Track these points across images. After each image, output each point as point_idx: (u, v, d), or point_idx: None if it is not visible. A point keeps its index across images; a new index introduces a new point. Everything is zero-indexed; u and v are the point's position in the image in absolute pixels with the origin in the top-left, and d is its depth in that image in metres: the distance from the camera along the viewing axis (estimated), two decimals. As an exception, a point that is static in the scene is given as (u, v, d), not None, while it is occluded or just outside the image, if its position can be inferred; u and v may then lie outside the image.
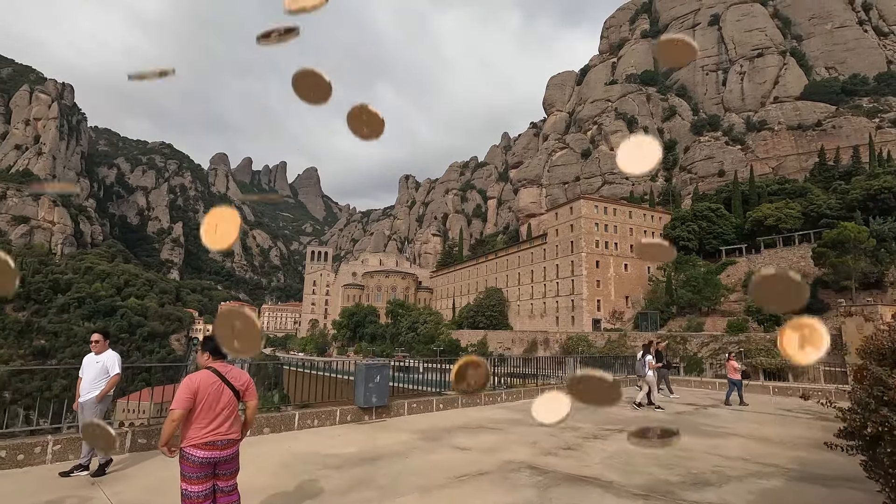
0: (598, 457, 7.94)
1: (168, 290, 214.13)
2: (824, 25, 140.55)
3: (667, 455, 7.84)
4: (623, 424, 11.46)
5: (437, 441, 9.13)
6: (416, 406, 12.50)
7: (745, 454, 8.49)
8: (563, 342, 75.52)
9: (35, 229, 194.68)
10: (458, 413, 12.83)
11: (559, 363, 18.45)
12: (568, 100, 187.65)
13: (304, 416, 10.12)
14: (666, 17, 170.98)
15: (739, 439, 9.96)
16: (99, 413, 7.36)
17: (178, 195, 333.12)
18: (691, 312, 74.12)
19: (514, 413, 13.04)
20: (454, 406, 13.40)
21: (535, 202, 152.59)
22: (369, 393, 11.07)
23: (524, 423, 11.35)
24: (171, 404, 4.17)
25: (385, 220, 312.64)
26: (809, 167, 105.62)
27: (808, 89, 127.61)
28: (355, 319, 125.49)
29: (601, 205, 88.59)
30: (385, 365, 11.59)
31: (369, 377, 11.09)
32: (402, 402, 12.23)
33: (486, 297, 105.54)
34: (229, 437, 4.29)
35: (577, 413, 12.88)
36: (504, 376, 18.13)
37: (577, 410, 10.08)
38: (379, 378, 11.25)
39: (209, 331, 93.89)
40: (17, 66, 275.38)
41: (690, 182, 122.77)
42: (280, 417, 9.86)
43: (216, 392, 4.27)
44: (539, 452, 8.26)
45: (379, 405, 11.35)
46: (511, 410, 13.44)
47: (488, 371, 1.20)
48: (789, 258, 71.54)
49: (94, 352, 7.67)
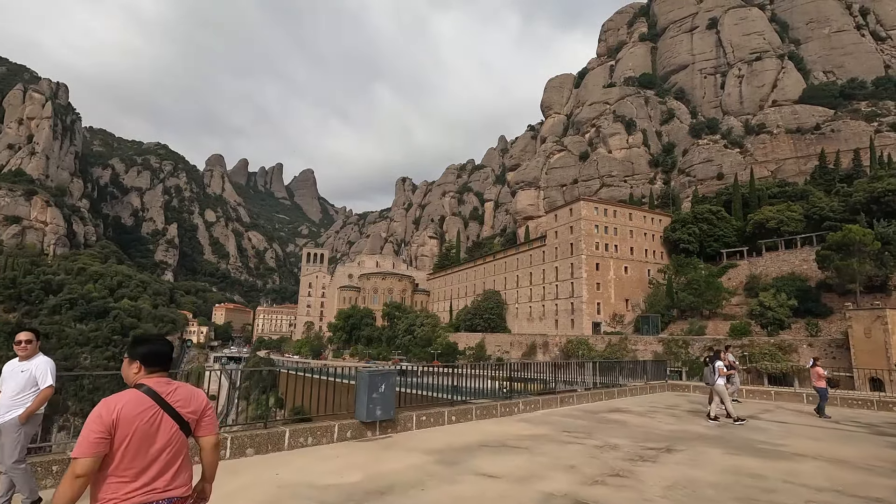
0: (658, 487, 6.56)
1: (162, 291, 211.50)
2: (822, 30, 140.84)
3: (738, 483, 6.55)
4: (666, 441, 10.15)
5: (456, 465, 7.84)
6: (426, 419, 11.10)
7: (833, 483, 7.23)
8: (563, 345, 74.32)
9: (27, 229, 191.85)
10: (473, 427, 11.49)
11: (579, 367, 16.86)
12: (566, 102, 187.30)
13: (295, 433, 8.62)
14: (664, 20, 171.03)
15: (812, 461, 8.70)
16: (24, 439, 5.60)
17: (173, 196, 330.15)
18: (692, 316, 73.17)
19: (536, 427, 11.68)
20: (467, 418, 12.06)
21: (533, 204, 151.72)
22: (373, 405, 9.70)
23: (552, 440, 10.02)
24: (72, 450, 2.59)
25: (381, 222, 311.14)
26: (808, 170, 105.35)
27: (806, 93, 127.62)
28: (351, 322, 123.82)
29: (601, 206, 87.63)
30: (390, 372, 10.25)
31: (373, 387, 9.73)
32: (410, 414, 10.83)
33: (484, 300, 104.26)
34: (172, 493, 2.80)
35: (606, 426, 11.56)
36: (507, 381, 16.22)
37: (604, 423, 8.06)
38: (384, 388, 9.88)
39: (202, 332, 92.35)
40: (10, 65, 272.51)
41: (689, 185, 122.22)
42: (267, 435, 8.23)
43: (150, 425, 2.76)
44: (583, 480, 6.92)
45: (384, 419, 9.97)
46: (533, 424, 12.05)
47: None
48: (792, 261, 70.75)
49: (20, 356, 5.96)
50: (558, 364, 15.91)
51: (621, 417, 13.10)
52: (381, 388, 9.80)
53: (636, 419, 12.83)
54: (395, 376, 10.33)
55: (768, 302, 56.53)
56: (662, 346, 63.58)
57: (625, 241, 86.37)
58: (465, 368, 13.95)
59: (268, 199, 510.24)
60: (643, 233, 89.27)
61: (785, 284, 62.71)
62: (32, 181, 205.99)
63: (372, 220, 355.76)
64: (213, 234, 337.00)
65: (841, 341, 49.27)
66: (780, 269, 70.86)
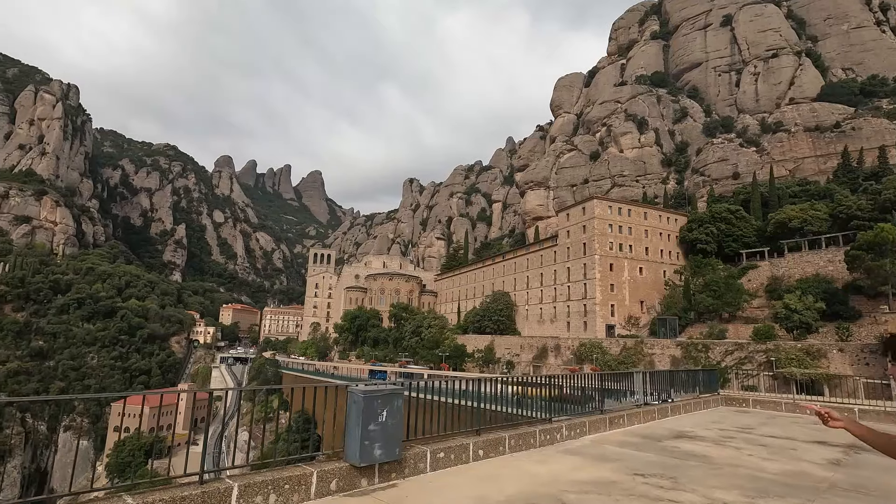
0: None
1: (169, 291, 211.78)
2: (840, 26, 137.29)
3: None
4: (794, 495, 7.24)
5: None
6: (444, 456, 8.21)
7: None
8: (576, 349, 71.94)
9: (37, 229, 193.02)
10: (507, 465, 8.59)
11: (623, 378, 14.09)
12: (576, 102, 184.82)
13: (249, 490, 5.58)
14: (676, 18, 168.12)
15: None
16: None
17: (181, 197, 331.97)
18: (711, 319, 70.48)
19: (594, 465, 8.70)
20: (498, 451, 9.18)
21: (543, 205, 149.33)
22: (370, 441, 6.81)
23: (628, 491, 7.19)
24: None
25: (389, 223, 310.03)
26: (829, 169, 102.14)
27: (825, 91, 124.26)
28: (357, 323, 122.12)
29: (615, 205, 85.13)
30: (395, 392, 7.23)
31: (370, 414, 6.81)
32: (423, 450, 7.89)
33: (492, 301, 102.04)
34: None
35: (686, 464, 9.00)
36: (519, 385, 11.61)
37: (679, 458, 4.67)
38: (385, 415, 6.97)
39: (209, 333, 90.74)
40: (22, 66, 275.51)
41: (703, 185, 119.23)
42: (201, 497, 5.22)
43: None
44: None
45: (386, 460, 7.05)
46: (587, 459, 9.18)
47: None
48: (816, 262, 67.84)
49: None
50: (604, 375, 13.16)
51: (695, 448, 10.39)
52: (383, 416, 6.93)
53: (717, 451, 10.09)
54: (403, 396, 7.32)
55: (794, 304, 53.82)
56: (681, 350, 61.03)
57: (639, 241, 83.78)
58: (493, 383, 10.83)
59: (276, 200, 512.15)
60: (658, 233, 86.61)
61: (810, 286, 59.90)
62: (43, 181, 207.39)
63: (379, 221, 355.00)
64: (221, 234, 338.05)
65: (875, 346, 46.49)
66: (804, 271, 67.97)
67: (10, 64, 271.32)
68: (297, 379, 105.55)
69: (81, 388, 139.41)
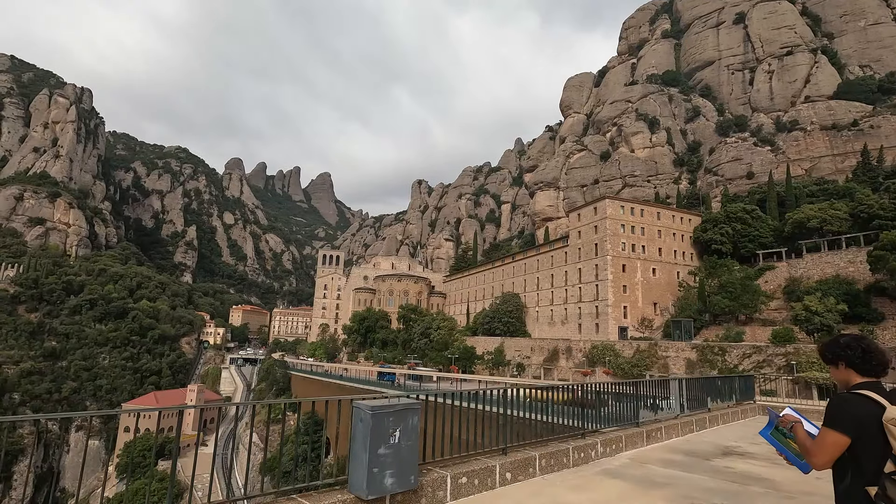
0: None
1: (180, 292, 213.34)
2: (857, 22, 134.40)
3: None
4: None
5: None
6: (467, 482, 6.98)
7: None
8: (587, 351, 70.70)
9: (51, 231, 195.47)
10: (541, 491, 7.44)
11: (661, 385, 12.74)
12: (585, 101, 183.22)
13: None
14: (688, 16, 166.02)
15: None
16: None
17: (192, 199, 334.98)
18: (727, 321, 68.86)
19: (643, 491, 7.58)
20: (528, 472, 8.02)
21: (552, 205, 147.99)
22: (379, 469, 5.61)
23: None
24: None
25: (397, 224, 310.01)
26: (847, 168, 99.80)
27: (841, 88, 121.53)
28: (366, 324, 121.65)
29: (627, 205, 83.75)
30: (411, 406, 6.06)
31: (379, 435, 5.64)
32: (442, 475, 6.66)
33: (502, 303, 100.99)
34: None
35: (748, 490, 7.86)
36: (529, 388, 9.94)
37: (737, 481, 4.15)
38: (399, 435, 5.79)
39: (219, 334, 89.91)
40: (38, 70, 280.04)
41: (717, 184, 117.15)
42: None
43: None
44: None
45: (399, 490, 5.81)
46: (631, 483, 8.04)
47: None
48: (836, 263, 65.97)
49: None
50: (639, 382, 11.82)
51: (751, 468, 9.19)
52: (395, 438, 5.73)
53: (779, 473, 8.62)
54: (418, 412, 6.14)
55: (815, 306, 52.19)
56: (696, 354, 59.62)
57: (652, 241, 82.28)
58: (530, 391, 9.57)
59: (285, 202, 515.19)
60: (672, 233, 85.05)
61: (831, 288, 58.17)
62: (56, 183, 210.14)
63: (388, 222, 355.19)
64: (232, 236, 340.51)
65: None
66: (824, 272, 66.13)
67: (26, 69, 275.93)
68: (306, 380, 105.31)
69: (93, 389, 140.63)
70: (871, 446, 3.04)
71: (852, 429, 3.11)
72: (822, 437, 3.22)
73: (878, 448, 3.02)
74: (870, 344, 3.46)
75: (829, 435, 3.17)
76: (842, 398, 3.28)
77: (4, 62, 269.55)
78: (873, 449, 3.04)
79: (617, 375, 64.66)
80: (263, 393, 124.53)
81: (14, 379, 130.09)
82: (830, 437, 3.16)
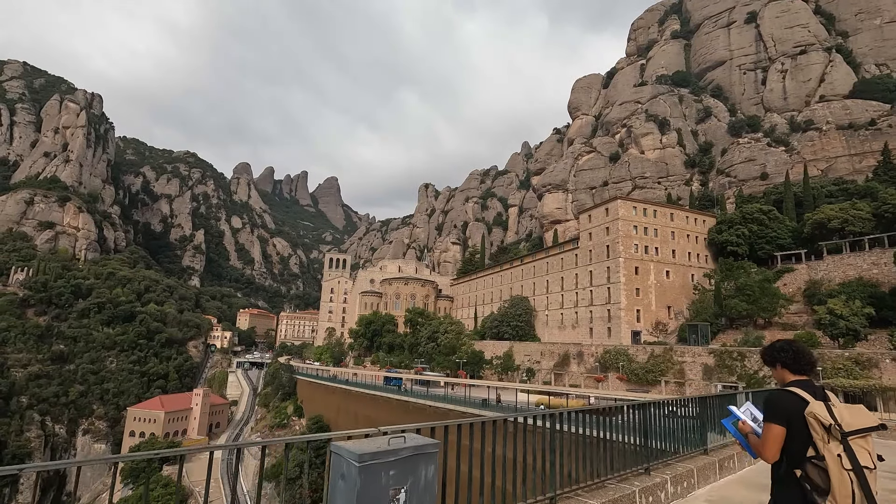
0: None
1: (188, 296, 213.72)
2: (873, 21, 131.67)
3: None
4: None
5: None
6: None
7: None
8: (600, 356, 68.75)
9: (60, 235, 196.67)
10: None
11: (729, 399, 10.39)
12: (594, 103, 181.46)
13: None
14: (698, 16, 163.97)
15: None
16: None
17: (200, 203, 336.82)
18: (745, 325, 66.67)
19: None
20: None
21: (561, 208, 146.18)
22: None
23: None
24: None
25: (404, 228, 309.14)
26: (864, 168, 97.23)
27: (857, 87, 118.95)
28: (372, 328, 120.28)
29: (639, 206, 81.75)
30: (424, 448, 3.83)
31: (372, 498, 3.44)
32: None
33: (511, 307, 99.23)
34: None
35: None
36: (539, 394, 7.56)
37: None
38: (405, 497, 3.58)
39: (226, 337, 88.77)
40: (49, 76, 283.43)
41: (729, 186, 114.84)
42: None
43: None
44: None
45: None
46: None
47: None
48: (859, 265, 63.58)
49: None
50: (707, 399, 9.59)
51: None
52: (400, 502, 3.58)
53: None
54: (435, 458, 3.87)
55: (839, 310, 50.01)
56: (714, 359, 57.52)
57: (666, 243, 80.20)
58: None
59: (293, 206, 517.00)
60: (685, 234, 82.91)
61: (855, 290, 55.88)
62: (66, 188, 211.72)
63: (395, 226, 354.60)
64: (239, 240, 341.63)
65: (935, 356, 42.60)
66: (846, 274, 63.77)
67: (38, 75, 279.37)
68: (311, 385, 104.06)
69: (100, 392, 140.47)
70: (799, 435, 3.50)
71: (785, 420, 3.57)
72: (765, 431, 3.66)
73: (804, 437, 3.47)
74: (800, 347, 3.97)
75: (770, 428, 3.63)
76: (774, 394, 3.76)
77: (17, 68, 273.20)
78: (800, 438, 3.49)
79: (631, 381, 62.64)
80: (269, 397, 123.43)
81: (22, 382, 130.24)
82: (771, 430, 3.62)
